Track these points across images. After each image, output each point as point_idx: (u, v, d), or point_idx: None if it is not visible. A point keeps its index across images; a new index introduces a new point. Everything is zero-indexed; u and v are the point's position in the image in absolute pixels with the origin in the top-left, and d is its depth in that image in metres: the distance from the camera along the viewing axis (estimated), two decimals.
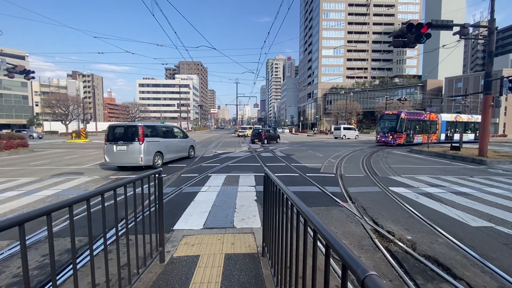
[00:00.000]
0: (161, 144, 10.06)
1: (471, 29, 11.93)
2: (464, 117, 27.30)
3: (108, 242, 3.22)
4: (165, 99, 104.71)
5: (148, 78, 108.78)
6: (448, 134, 25.58)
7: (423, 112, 25.24)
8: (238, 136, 37.61)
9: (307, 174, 8.21)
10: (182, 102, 71.57)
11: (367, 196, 5.86)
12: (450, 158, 13.01)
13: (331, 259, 1.27)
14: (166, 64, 26.56)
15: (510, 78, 11.88)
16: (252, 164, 10.50)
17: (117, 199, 1.95)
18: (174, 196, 5.65)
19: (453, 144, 15.05)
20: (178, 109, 65.47)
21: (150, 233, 2.57)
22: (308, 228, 1.35)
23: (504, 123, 52.52)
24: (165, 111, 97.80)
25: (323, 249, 2.96)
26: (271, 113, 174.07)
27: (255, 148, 17.86)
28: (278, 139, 25.93)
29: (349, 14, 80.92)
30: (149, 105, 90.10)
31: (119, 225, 3.87)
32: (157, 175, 2.72)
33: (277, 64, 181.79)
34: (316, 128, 62.60)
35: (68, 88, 75.51)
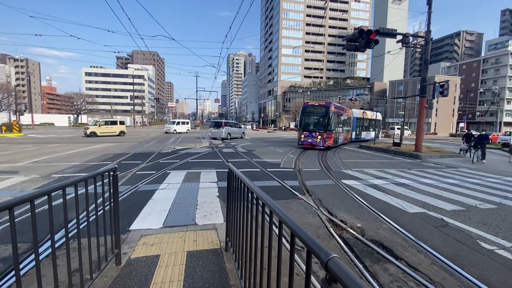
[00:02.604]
0: (230, 129, 23.16)
1: (411, 38, 13.42)
2: (369, 114, 25.56)
3: (55, 247, 2.91)
4: (116, 90, 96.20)
5: (96, 67, 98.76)
6: (357, 132, 23.15)
7: (344, 106, 21.71)
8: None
9: (268, 169, 8.43)
10: (136, 94, 66.74)
11: (323, 188, 6.27)
12: (392, 153, 14.57)
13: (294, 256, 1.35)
14: (119, 52, 24.36)
15: (441, 83, 13.72)
16: (214, 160, 10.37)
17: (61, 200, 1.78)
18: (129, 195, 5.31)
19: (395, 141, 16.85)
20: (132, 102, 60.96)
21: (105, 234, 2.39)
22: (273, 220, 1.41)
23: (435, 123, 60.53)
24: (117, 103, 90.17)
25: (287, 245, 3.11)
26: (232, 109, 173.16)
27: (217, 144, 17.65)
28: None
29: (307, 15, 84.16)
30: (97, 96, 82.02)
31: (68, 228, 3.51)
32: (111, 173, 2.54)
33: (238, 59, 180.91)
34: (273, 125, 64.23)
35: None
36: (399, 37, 12.57)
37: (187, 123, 35.45)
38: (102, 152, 12.25)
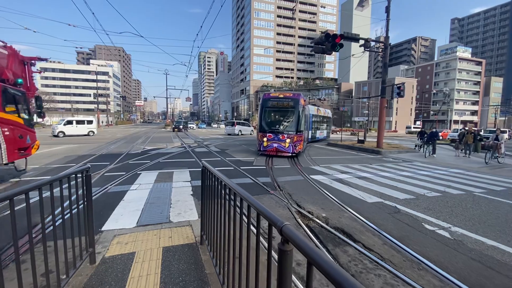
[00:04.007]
0: (241, 127, 31.14)
1: (372, 43, 14.49)
2: (322, 111, 23.06)
3: (23, 250, 2.85)
4: (77, 87, 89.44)
5: (54, 62, 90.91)
6: (313, 131, 20.16)
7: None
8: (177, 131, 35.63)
9: (241, 167, 8.64)
10: (100, 92, 62.73)
11: (293, 184, 6.65)
12: (357, 149, 15.60)
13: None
14: (81, 48, 22.70)
15: (398, 85, 15.00)
16: (186, 159, 10.32)
17: (30, 202, 1.82)
18: (98, 197, 5.18)
19: (359, 138, 18.04)
20: (95, 100, 57.24)
21: (79, 233, 2.42)
22: (242, 208, 1.63)
23: (396, 121, 65.32)
24: (78, 102, 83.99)
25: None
26: (204, 108, 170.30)
27: (189, 144, 17.44)
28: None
29: (278, 16, 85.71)
30: (55, 93, 75.69)
31: (35, 230, 3.40)
32: (84, 173, 2.57)
33: (209, 57, 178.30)
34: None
35: None
36: (362, 42, 13.52)
37: (90, 122, 25.49)
38: (64, 154, 11.53)
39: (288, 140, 11.60)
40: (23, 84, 6.88)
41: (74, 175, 2.36)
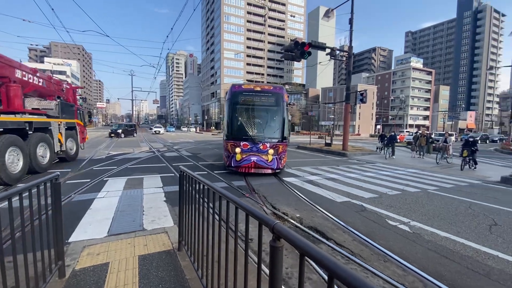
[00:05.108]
0: None
1: (337, 52, 15.41)
2: None
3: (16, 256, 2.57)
4: None
5: None
6: None
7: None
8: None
9: (214, 172, 8.60)
10: None
11: (267, 186, 6.80)
12: (325, 152, 16.37)
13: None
14: (37, 45, 20.59)
15: (361, 92, 16.08)
16: (156, 165, 9.98)
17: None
18: (62, 205, 4.80)
19: (327, 142, 18.92)
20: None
21: (48, 245, 2.27)
22: (229, 210, 1.68)
23: (359, 125, 69.60)
24: None
25: (242, 244, 3.39)
26: (173, 110, 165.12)
27: (158, 148, 16.82)
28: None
29: (248, 21, 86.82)
30: None
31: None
32: (53, 180, 2.42)
33: (178, 59, 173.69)
34: (214, 127, 64.07)
35: None
36: (328, 50, 14.30)
37: None
38: None
39: (271, 151, 8.31)
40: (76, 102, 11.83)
41: (43, 184, 2.22)
